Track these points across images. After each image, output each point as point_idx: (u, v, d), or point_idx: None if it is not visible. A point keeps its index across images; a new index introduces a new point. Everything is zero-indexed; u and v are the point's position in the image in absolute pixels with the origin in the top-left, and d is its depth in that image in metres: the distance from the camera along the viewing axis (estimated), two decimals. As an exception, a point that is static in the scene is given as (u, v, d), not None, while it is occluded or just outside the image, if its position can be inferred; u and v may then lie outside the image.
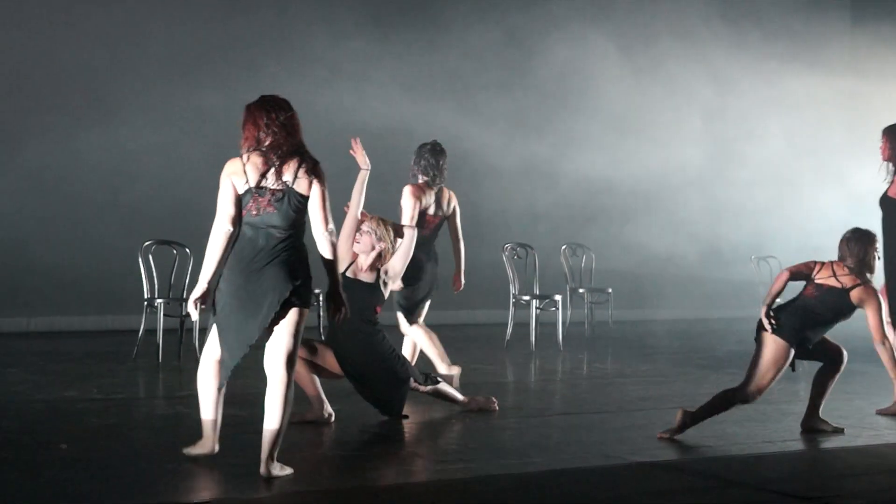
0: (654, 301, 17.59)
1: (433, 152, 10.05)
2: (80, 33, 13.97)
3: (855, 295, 7.89)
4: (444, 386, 8.62)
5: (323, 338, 8.47)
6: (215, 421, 6.73)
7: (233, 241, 6.53)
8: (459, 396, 8.72)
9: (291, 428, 7.82)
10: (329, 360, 8.19)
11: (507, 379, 11.25)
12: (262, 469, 6.38)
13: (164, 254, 11.72)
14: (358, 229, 8.35)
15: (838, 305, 7.90)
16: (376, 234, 8.32)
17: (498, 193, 16.69)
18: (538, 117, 16.98)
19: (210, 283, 6.59)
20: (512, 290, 13.44)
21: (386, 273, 8.33)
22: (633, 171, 17.06)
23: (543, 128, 16.94)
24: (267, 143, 6.54)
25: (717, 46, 17.62)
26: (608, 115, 17.19)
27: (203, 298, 6.61)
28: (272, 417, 6.39)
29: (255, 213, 6.46)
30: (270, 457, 6.39)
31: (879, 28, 18.69)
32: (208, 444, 6.75)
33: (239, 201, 6.51)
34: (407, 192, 9.94)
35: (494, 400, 8.78)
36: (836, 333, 8.06)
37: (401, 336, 9.98)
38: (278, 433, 6.39)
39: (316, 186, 6.45)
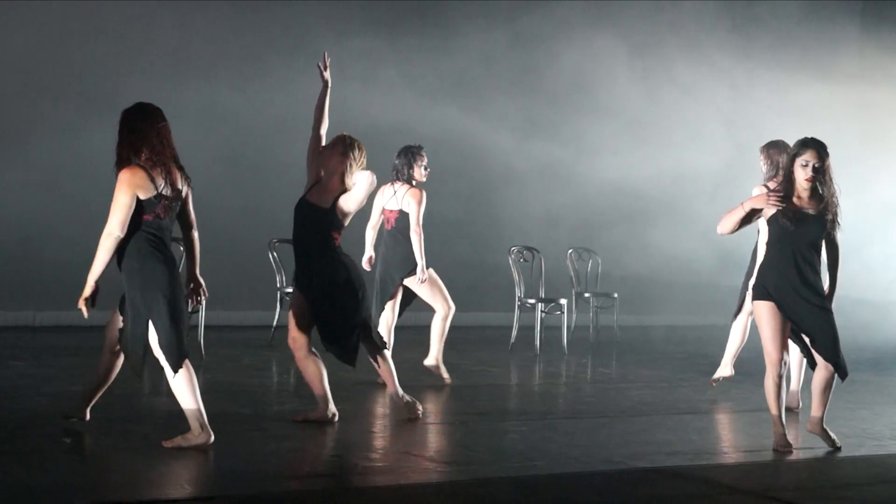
0: (660, 307, 17.60)
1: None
2: (93, 30, 14.02)
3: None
4: (389, 362, 8.38)
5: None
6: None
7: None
8: (397, 386, 8.36)
9: (295, 427, 7.89)
10: (303, 306, 8.10)
11: (511, 382, 11.28)
12: None
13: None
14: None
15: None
16: (341, 149, 8.16)
17: (504, 196, 16.72)
18: (547, 120, 16.99)
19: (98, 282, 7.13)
20: (517, 294, 13.46)
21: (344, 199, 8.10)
22: (644, 175, 17.07)
23: (553, 131, 16.95)
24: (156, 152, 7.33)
25: (725, 53, 17.62)
26: (619, 119, 17.20)
27: (93, 298, 7.23)
28: None
29: (161, 217, 7.16)
30: None
31: (888, 36, 18.70)
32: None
33: (140, 208, 7.07)
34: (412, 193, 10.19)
35: (420, 408, 8.41)
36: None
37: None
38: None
39: (190, 193, 7.39)
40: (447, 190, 16.37)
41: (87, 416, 7.62)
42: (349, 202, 8.11)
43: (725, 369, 10.32)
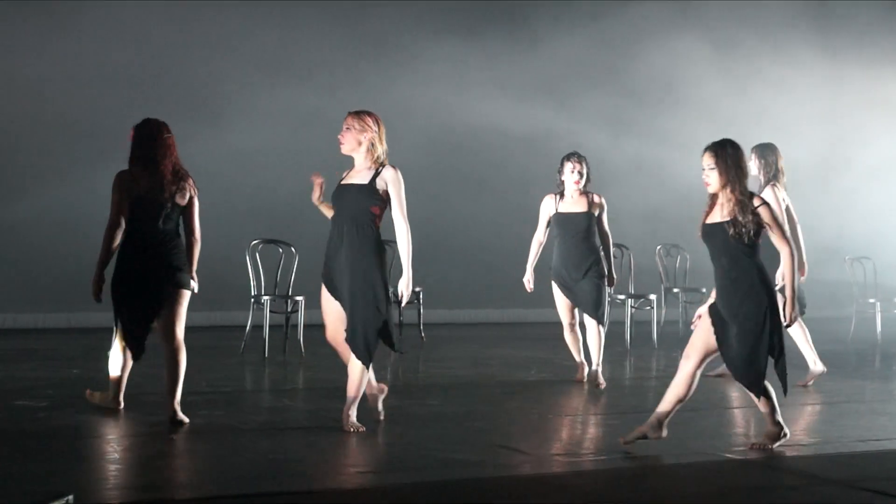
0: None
1: None
2: (190, 41, 14.29)
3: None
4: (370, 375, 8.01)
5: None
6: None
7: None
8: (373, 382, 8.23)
9: (392, 422, 8.06)
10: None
11: (603, 377, 11.37)
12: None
13: (270, 252, 12.09)
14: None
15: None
16: (356, 128, 7.97)
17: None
18: (635, 118, 17.04)
19: None
20: (607, 290, 13.56)
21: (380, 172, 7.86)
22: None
23: (641, 129, 17.01)
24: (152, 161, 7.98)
25: (809, 49, 17.59)
26: (706, 116, 17.20)
27: (97, 287, 7.91)
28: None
29: (143, 220, 7.87)
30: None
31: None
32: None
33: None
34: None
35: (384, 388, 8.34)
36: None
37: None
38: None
39: (195, 202, 8.11)
40: (538, 190, 16.51)
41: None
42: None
43: (816, 366, 10.44)
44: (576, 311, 10.41)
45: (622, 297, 13.48)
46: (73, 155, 13.29)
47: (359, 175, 7.96)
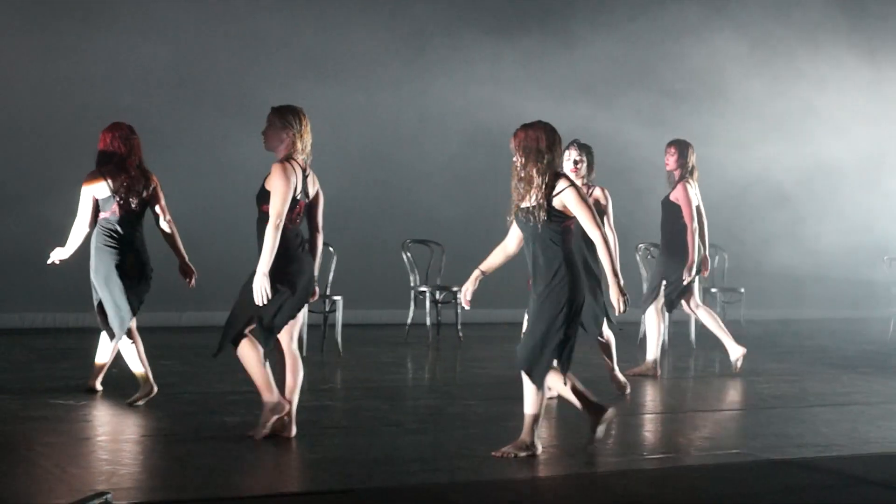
0: (788, 300, 17.54)
1: None
2: (229, 40, 14.34)
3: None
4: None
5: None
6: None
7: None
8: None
9: (430, 421, 8.07)
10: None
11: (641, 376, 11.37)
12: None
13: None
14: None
15: None
16: (278, 124, 7.93)
17: (631, 191, 16.78)
18: (673, 117, 16.99)
19: None
20: (643, 290, 13.54)
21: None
22: (771, 171, 17.02)
23: (680, 127, 16.94)
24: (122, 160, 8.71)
25: (848, 47, 17.52)
26: (746, 114, 17.18)
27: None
28: None
29: (117, 213, 8.61)
30: None
31: None
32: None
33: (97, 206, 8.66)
34: None
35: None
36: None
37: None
38: None
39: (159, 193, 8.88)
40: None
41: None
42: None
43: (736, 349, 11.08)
44: None
45: (660, 296, 13.43)
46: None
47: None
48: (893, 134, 18.32)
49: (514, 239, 7.39)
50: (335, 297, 11.83)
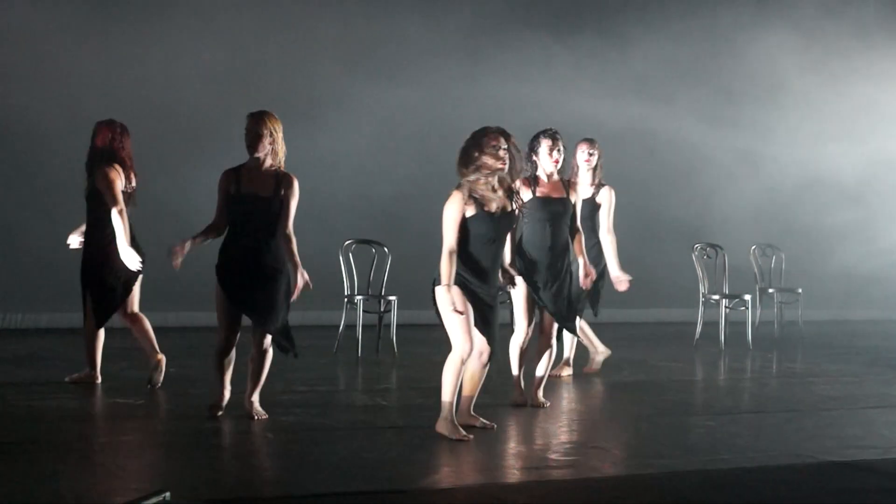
0: (846, 301, 17.41)
1: None
2: (282, 40, 14.42)
3: None
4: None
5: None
6: None
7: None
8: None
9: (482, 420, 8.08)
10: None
11: (696, 377, 11.32)
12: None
13: (363, 252, 12.18)
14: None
15: None
16: (260, 130, 7.98)
17: (687, 192, 16.73)
18: (729, 115, 16.91)
19: None
20: (701, 290, 13.51)
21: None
22: (830, 170, 16.91)
23: (735, 125, 16.87)
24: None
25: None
26: (802, 112, 17.09)
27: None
28: None
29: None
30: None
31: None
32: None
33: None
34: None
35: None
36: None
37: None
38: None
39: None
40: (630, 185, 16.45)
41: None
42: None
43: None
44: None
45: (716, 297, 13.38)
46: (172, 154, 13.47)
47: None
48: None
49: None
50: (390, 298, 11.86)
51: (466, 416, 7.80)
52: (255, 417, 7.95)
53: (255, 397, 8.06)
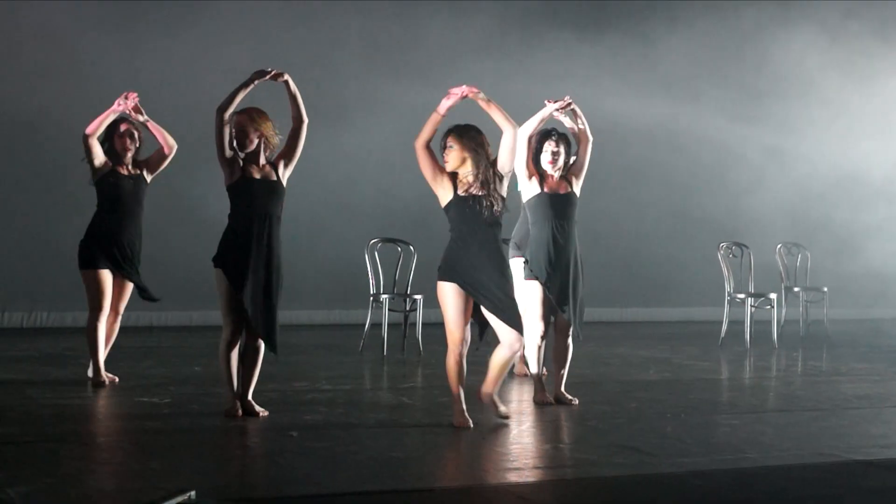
0: (871, 300, 17.35)
1: None
2: (308, 39, 14.45)
3: None
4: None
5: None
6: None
7: None
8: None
9: (506, 421, 8.08)
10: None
11: (722, 375, 11.29)
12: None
13: (389, 251, 12.20)
14: None
15: None
16: (251, 126, 8.11)
17: (713, 190, 16.70)
18: (755, 114, 16.87)
19: None
20: (727, 289, 13.49)
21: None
22: (855, 169, 16.86)
23: (762, 124, 16.83)
24: None
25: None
26: (829, 111, 17.03)
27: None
28: None
29: None
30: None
31: None
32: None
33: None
34: None
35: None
36: None
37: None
38: None
39: None
40: (656, 184, 16.43)
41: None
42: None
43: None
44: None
45: (742, 295, 13.35)
46: (195, 152, 13.50)
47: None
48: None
49: None
50: (416, 297, 11.87)
51: (489, 400, 7.94)
52: (259, 414, 7.97)
53: (250, 394, 8.10)
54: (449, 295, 7.75)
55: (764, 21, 16.79)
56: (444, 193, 7.84)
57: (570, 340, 8.96)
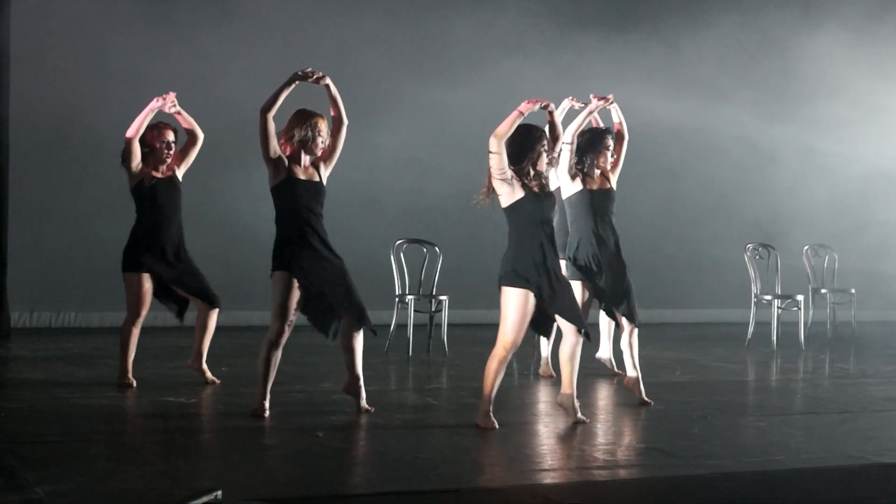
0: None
1: None
2: (338, 40, 14.47)
3: None
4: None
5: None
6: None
7: None
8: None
9: (534, 421, 8.08)
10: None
11: (748, 377, 11.26)
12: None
13: (414, 252, 12.21)
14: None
15: None
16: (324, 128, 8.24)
17: (740, 191, 16.66)
18: (784, 113, 16.81)
19: None
20: (753, 290, 13.45)
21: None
22: (883, 168, 16.79)
23: (792, 123, 16.77)
24: None
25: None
26: (856, 110, 16.97)
27: None
28: None
29: None
30: None
31: None
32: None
33: None
34: None
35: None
36: None
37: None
38: None
39: None
40: (684, 184, 16.39)
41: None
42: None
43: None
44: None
45: (768, 297, 13.31)
46: (223, 152, 13.55)
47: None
48: None
49: None
50: (441, 298, 11.87)
51: (569, 402, 8.01)
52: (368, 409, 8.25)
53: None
54: (515, 298, 7.71)
55: (787, 21, 16.72)
56: (512, 193, 7.77)
57: (635, 338, 9.06)
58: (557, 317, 7.79)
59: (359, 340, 8.18)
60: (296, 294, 7.93)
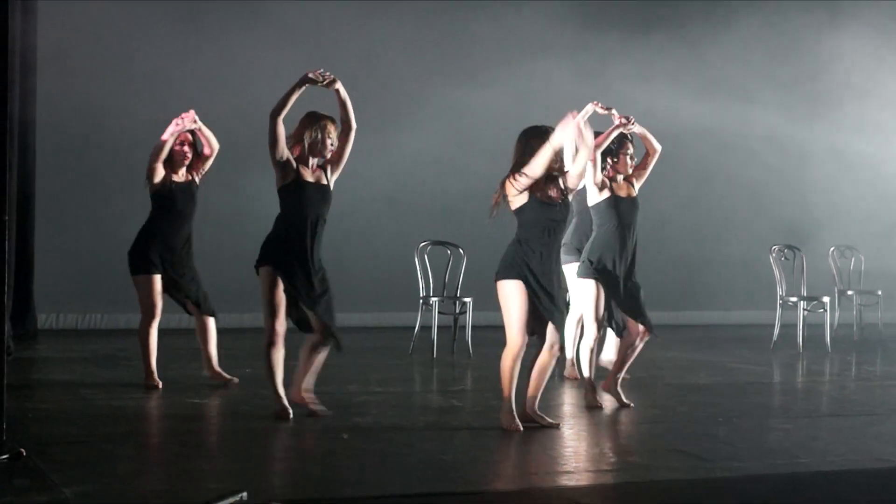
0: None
1: None
2: (359, 42, 14.50)
3: None
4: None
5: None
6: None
7: None
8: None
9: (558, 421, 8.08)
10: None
11: (774, 379, 11.24)
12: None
13: (438, 254, 12.21)
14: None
15: None
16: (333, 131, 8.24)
17: (766, 192, 16.61)
18: (813, 113, 16.75)
19: None
20: (779, 292, 13.40)
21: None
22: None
23: (821, 123, 16.71)
24: None
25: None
26: (884, 110, 16.91)
27: None
28: None
29: None
30: None
31: None
32: None
33: None
34: None
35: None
36: None
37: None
38: None
39: None
40: (710, 185, 16.35)
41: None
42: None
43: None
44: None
45: (794, 299, 13.26)
46: (249, 154, 13.59)
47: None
48: None
49: None
50: (465, 299, 11.87)
51: (532, 412, 7.90)
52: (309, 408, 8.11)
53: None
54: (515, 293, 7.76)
55: (812, 24, 16.66)
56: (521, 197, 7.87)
57: (639, 341, 8.98)
58: (542, 319, 7.79)
59: (322, 356, 8.15)
60: (281, 288, 7.93)
